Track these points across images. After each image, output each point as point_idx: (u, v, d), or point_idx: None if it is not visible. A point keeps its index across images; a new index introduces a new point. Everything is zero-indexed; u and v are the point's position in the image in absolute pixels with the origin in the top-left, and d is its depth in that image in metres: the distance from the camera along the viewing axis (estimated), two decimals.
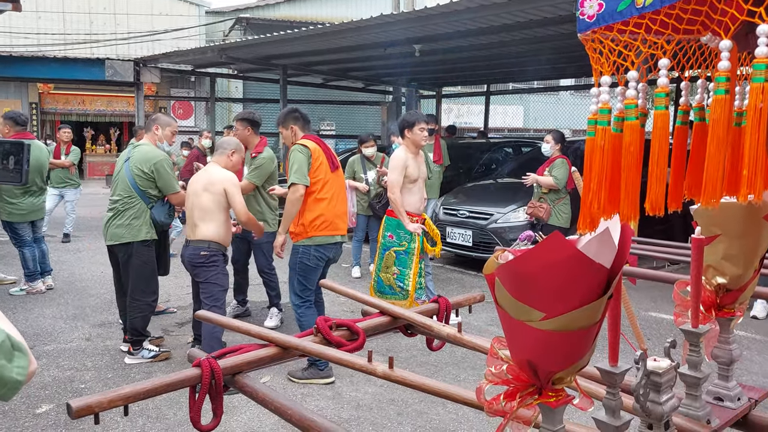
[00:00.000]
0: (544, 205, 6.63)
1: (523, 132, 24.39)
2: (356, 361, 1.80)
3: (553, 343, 1.00)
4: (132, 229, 4.66)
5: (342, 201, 4.63)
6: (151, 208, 4.72)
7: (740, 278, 1.54)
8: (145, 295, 4.76)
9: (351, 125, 19.14)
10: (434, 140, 8.82)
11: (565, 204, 6.66)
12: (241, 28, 20.25)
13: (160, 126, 4.90)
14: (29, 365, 1.10)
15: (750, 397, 1.61)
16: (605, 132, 0.96)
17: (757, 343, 5.34)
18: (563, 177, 6.51)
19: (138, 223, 4.67)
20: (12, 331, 1.11)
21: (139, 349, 4.79)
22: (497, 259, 1.06)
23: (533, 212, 6.70)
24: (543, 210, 6.60)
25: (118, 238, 4.69)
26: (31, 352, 1.14)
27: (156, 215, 4.74)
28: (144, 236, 4.69)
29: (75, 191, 9.64)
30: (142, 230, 4.69)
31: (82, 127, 20.34)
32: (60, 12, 20.36)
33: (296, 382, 4.41)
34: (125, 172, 4.72)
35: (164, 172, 4.69)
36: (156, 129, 4.88)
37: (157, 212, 4.75)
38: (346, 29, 8.84)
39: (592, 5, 0.94)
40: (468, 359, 4.80)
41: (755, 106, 0.82)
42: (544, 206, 6.62)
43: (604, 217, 0.98)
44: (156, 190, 4.73)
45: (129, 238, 4.66)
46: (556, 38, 9.08)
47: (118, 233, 4.68)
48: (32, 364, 1.12)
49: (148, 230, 4.71)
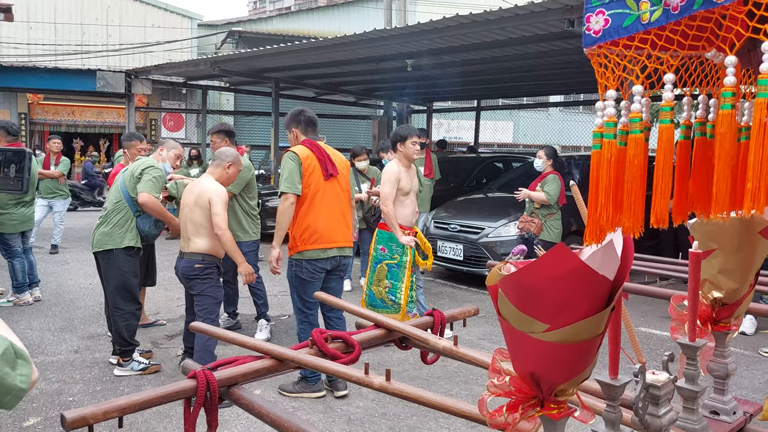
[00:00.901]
0: (536, 220, 6.67)
1: (512, 147, 24.57)
2: (353, 373, 1.79)
3: (556, 355, 1.00)
4: (114, 237, 4.65)
5: (339, 210, 4.44)
6: (137, 216, 4.71)
7: (736, 292, 1.56)
8: (127, 303, 4.71)
9: (342, 139, 19.18)
10: (425, 154, 8.85)
11: (556, 219, 6.70)
12: (234, 41, 20.32)
13: (166, 147, 5.02)
14: (32, 374, 1.09)
15: (745, 411, 1.63)
16: (611, 145, 0.98)
17: (745, 358, 5.37)
18: (555, 193, 6.56)
19: (122, 231, 4.66)
20: (14, 340, 1.10)
21: (129, 360, 4.73)
22: (500, 271, 1.06)
23: (525, 227, 6.74)
24: (534, 225, 6.65)
25: (101, 244, 4.67)
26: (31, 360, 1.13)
27: (141, 225, 4.72)
28: (127, 243, 4.66)
29: (64, 202, 9.57)
30: (126, 237, 4.66)
31: (71, 138, 20.24)
32: (51, 23, 20.34)
33: (287, 396, 4.38)
34: (120, 180, 4.78)
35: (147, 175, 4.68)
36: (161, 150, 4.99)
37: (143, 222, 4.73)
38: (339, 43, 8.88)
39: (598, 21, 0.95)
40: (460, 374, 4.79)
41: (760, 120, 0.83)
42: (536, 221, 6.66)
43: (612, 229, 0.99)
44: None
45: (111, 245, 4.64)
46: (546, 55, 9.18)
47: (102, 240, 4.67)
48: (34, 372, 1.11)
49: (132, 238, 4.68)
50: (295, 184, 4.25)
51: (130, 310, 4.73)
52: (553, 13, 6.43)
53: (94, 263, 4.95)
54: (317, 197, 4.32)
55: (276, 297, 6.99)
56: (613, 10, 0.93)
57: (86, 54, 19.65)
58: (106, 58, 19.71)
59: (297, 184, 4.25)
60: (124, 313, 4.70)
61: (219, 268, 4.57)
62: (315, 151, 4.37)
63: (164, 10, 21.80)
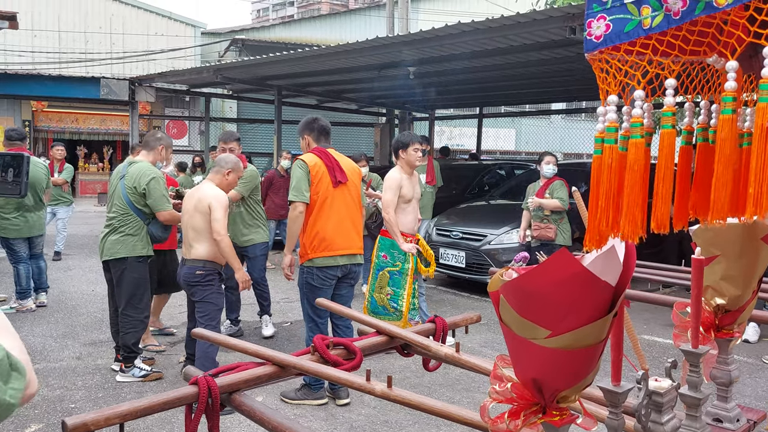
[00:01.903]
0: (551, 226, 6.76)
1: (515, 155, 24.57)
2: (354, 380, 1.79)
3: (558, 361, 1.00)
4: (127, 245, 4.64)
5: (348, 218, 4.42)
6: (147, 224, 4.73)
7: (739, 299, 1.55)
8: (137, 311, 4.72)
9: (344, 146, 19.18)
10: (427, 161, 8.86)
11: (566, 223, 6.85)
12: (237, 49, 20.38)
13: (166, 147, 4.94)
14: (27, 387, 1.03)
15: (749, 419, 1.61)
16: (612, 150, 0.98)
17: (748, 366, 5.35)
18: (567, 197, 6.68)
19: (133, 240, 4.66)
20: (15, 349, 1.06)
21: (131, 366, 4.74)
22: (502, 276, 1.06)
23: (541, 234, 6.81)
24: (551, 230, 6.74)
25: (113, 253, 4.66)
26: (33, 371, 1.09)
27: (154, 230, 4.75)
28: (140, 252, 4.68)
29: (67, 209, 9.61)
30: (138, 246, 4.67)
31: (75, 145, 20.32)
32: (56, 30, 20.45)
33: (289, 403, 4.37)
34: (120, 189, 4.72)
35: (155, 190, 4.66)
36: (161, 149, 4.90)
37: (155, 228, 4.75)
38: (341, 51, 8.90)
39: (600, 26, 0.95)
40: (462, 381, 4.78)
41: (762, 125, 0.83)
42: (551, 227, 6.76)
43: (612, 235, 0.98)
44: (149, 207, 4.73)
45: (124, 253, 4.65)
46: (548, 62, 9.19)
47: (113, 248, 4.66)
48: (31, 386, 1.04)
49: (144, 246, 4.70)
50: (303, 192, 4.25)
51: (138, 317, 4.75)
52: (554, 21, 6.44)
53: (97, 270, 4.97)
54: (326, 204, 4.31)
55: (278, 304, 6.98)
56: (614, 16, 0.94)
57: (90, 62, 19.74)
58: (110, 65, 19.80)
59: (305, 192, 4.25)
60: (132, 320, 4.71)
61: (220, 275, 4.57)
62: (324, 158, 4.36)
63: (168, 18, 21.91)
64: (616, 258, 0.97)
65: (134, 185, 4.66)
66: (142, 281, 4.75)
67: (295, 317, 6.31)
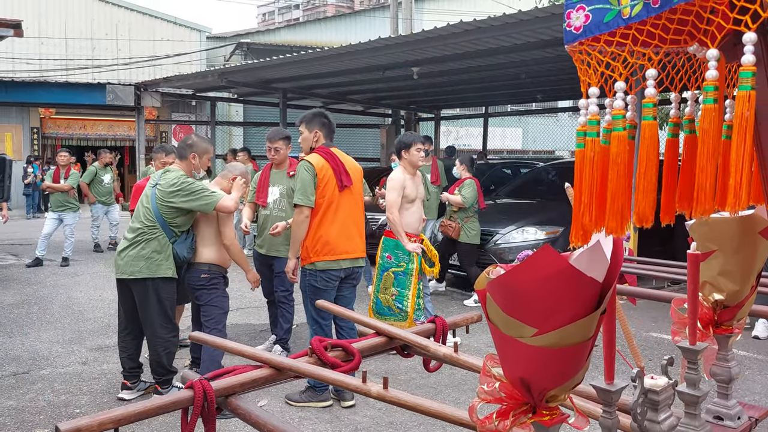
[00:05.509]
0: (453, 224, 7.19)
1: (522, 154, 24.50)
2: (351, 381, 1.77)
3: (545, 360, 0.98)
4: (152, 264, 4.19)
5: (352, 221, 4.40)
6: (173, 243, 4.27)
7: (737, 294, 1.53)
8: (166, 331, 4.37)
9: (351, 148, 19.20)
10: (431, 161, 8.84)
11: (473, 222, 7.22)
12: (242, 53, 20.47)
13: (198, 154, 4.35)
14: None
15: (750, 416, 1.59)
16: (594, 143, 0.96)
17: (758, 362, 5.29)
18: (471, 196, 7.04)
19: (159, 259, 4.20)
20: None
21: (168, 387, 4.44)
22: (488, 275, 1.04)
23: (444, 230, 7.30)
24: (452, 228, 7.19)
25: (133, 272, 4.21)
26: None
27: (178, 250, 4.28)
28: (164, 273, 4.23)
29: (74, 215, 9.64)
30: (162, 266, 4.21)
31: (83, 151, 20.43)
32: (62, 38, 20.59)
33: (294, 406, 4.36)
34: (151, 200, 4.27)
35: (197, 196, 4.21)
36: (192, 157, 4.34)
37: (180, 247, 4.29)
38: (345, 53, 8.90)
39: (579, 17, 0.93)
40: (468, 381, 4.75)
41: (742, 114, 0.81)
42: (453, 224, 7.19)
43: (596, 230, 0.96)
44: (182, 219, 4.27)
45: (147, 274, 4.19)
46: (553, 60, 9.15)
47: (134, 267, 4.20)
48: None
49: (169, 266, 4.25)
50: (309, 196, 4.23)
51: (168, 337, 4.39)
52: (556, 18, 6.41)
53: (104, 275, 4.93)
54: (330, 209, 4.30)
55: None
56: (593, 6, 0.92)
57: (97, 68, 19.88)
58: (117, 71, 19.92)
59: (311, 197, 4.24)
60: (164, 341, 4.35)
61: (225, 278, 4.56)
62: (330, 161, 4.32)
63: (173, 23, 22.03)
64: (602, 254, 0.95)
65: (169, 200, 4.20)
66: (169, 300, 4.35)
67: (301, 320, 6.30)
